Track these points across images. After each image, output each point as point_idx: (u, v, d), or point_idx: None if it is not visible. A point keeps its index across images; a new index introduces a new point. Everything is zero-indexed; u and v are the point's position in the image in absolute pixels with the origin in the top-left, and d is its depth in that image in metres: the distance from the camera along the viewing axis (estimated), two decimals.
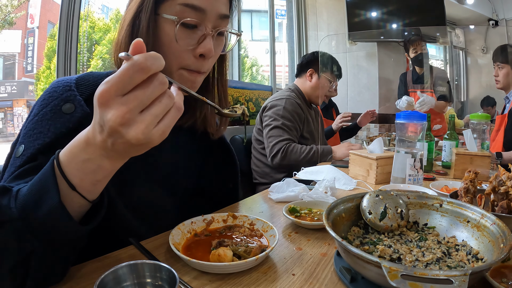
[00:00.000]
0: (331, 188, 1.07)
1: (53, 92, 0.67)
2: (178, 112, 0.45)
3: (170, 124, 0.44)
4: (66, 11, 1.73)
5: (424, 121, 1.24)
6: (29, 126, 0.64)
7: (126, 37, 0.68)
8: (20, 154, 0.61)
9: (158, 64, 0.41)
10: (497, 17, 3.73)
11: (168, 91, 0.44)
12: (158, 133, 0.43)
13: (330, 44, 4.10)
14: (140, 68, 0.39)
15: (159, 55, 0.41)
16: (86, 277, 0.56)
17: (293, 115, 1.96)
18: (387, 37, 3.96)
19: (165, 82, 0.42)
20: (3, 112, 2.06)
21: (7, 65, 2.00)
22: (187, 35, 0.67)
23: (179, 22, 0.65)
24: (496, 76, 2.27)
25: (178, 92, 0.46)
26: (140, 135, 0.41)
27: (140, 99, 0.40)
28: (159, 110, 0.42)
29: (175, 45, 0.67)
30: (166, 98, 0.43)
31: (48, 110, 0.64)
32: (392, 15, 3.82)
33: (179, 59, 0.68)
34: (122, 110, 0.40)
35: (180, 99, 0.46)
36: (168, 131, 0.44)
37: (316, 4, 4.26)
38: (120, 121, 0.40)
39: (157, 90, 0.41)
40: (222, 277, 0.57)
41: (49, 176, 0.46)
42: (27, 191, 0.47)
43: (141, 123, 0.41)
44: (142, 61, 0.39)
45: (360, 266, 0.49)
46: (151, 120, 0.41)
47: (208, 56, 0.69)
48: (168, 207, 0.83)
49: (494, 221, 0.57)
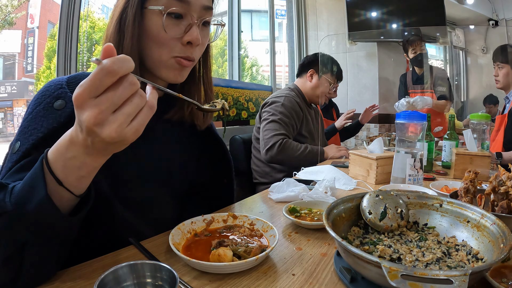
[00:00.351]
0: (331, 188, 1.07)
1: (45, 91, 0.70)
2: (151, 111, 0.47)
3: (143, 122, 0.46)
4: (66, 11, 1.73)
5: (424, 121, 1.24)
6: (24, 124, 0.67)
7: (114, 33, 0.71)
8: (16, 150, 0.64)
9: (126, 66, 0.43)
10: (497, 17, 3.72)
11: (140, 91, 0.46)
12: (131, 131, 0.45)
13: (330, 44, 4.10)
14: (108, 71, 0.42)
15: (128, 57, 0.44)
16: (86, 277, 0.56)
17: (291, 112, 1.97)
18: (387, 37, 3.96)
19: (134, 83, 0.45)
20: (3, 112, 2.06)
21: (7, 65, 2.00)
22: (174, 24, 0.71)
23: (166, 12, 0.69)
24: (496, 76, 2.27)
25: (152, 91, 0.49)
26: (114, 134, 0.44)
27: (111, 100, 0.43)
28: (130, 109, 0.45)
29: (163, 35, 0.70)
30: (137, 98, 0.45)
31: (41, 108, 0.68)
32: (392, 15, 3.82)
33: (168, 48, 0.71)
34: (95, 111, 0.43)
35: (154, 97, 0.48)
36: (142, 129, 0.47)
37: (316, 4, 4.26)
38: (94, 121, 0.43)
39: (127, 91, 0.44)
40: (222, 277, 0.57)
41: (38, 173, 0.49)
42: (20, 187, 0.50)
43: (113, 123, 0.44)
44: (110, 65, 0.42)
45: (360, 266, 0.49)
46: (123, 119, 0.44)
47: (195, 43, 0.72)
48: (165, 204, 0.85)
49: (494, 221, 0.57)
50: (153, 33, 0.70)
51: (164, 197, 0.84)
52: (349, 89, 4.05)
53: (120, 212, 0.72)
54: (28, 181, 0.49)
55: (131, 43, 0.70)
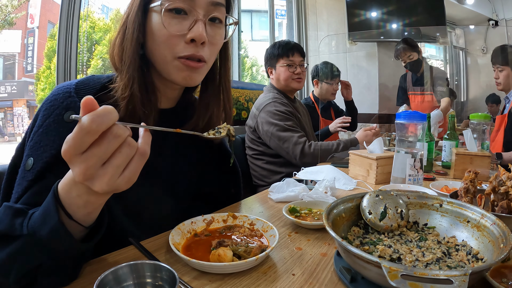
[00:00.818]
0: (331, 188, 1.07)
1: (54, 100, 0.69)
2: (143, 158, 0.47)
3: (135, 170, 0.46)
4: (66, 11, 1.73)
5: (424, 121, 1.24)
6: (35, 139, 0.66)
7: (118, 37, 0.70)
8: (30, 168, 0.64)
9: (107, 121, 0.42)
10: (497, 17, 3.72)
11: (128, 139, 0.45)
12: (124, 181, 0.45)
13: (330, 44, 4.10)
14: (87, 132, 0.41)
15: (108, 110, 0.42)
16: (85, 277, 0.56)
17: (288, 114, 1.93)
18: (387, 37, 3.96)
19: (119, 135, 0.43)
20: (3, 112, 2.06)
21: (7, 65, 2.00)
22: (177, 21, 0.68)
23: (164, 7, 0.66)
24: (497, 78, 2.25)
25: (145, 135, 0.48)
26: (105, 187, 0.44)
27: (98, 155, 0.43)
28: (119, 161, 0.44)
29: (164, 32, 0.68)
30: (126, 148, 0.45)
31: (51, 121, 0.66)
32: (392, 15, 3.82)
33: (170, 47, 0.69)
34: (82, 167, 0.43)
35: (145, 142, 0.47)
36: (135, 177, 0.47)
37: (316, 4, 4.25)
38: (83, 177, 0.43)
39: (112, 144, 0.43)
40: (222, 277, 0.57)
41: (50, 204, 0.50)
42: (36, 214, 0.52)
43: (104, 176, 0.44)
44: (88, 125, 0.41)
45: (360, 266, 0.49)
46: (113, 171, 0.44)
47: (199, 40, 0.69)
48: (168, 212, 0.82)
49: (494, 221, 0.57)
50: (154, 32, 0.69)
51: (168, 204, 0.82)
52: None
53: (119, 217, 0.72)
54: (42, 209, 0.51)
55: (131, 45, 0.69)
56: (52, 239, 0.49)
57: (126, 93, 0.69)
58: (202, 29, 0.68)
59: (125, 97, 0.69)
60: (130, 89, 0.69)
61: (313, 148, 1.82)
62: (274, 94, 2.01)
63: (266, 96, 2.00)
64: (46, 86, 1.94)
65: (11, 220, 0.52)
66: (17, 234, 0.50)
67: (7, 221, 0.52)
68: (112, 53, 0.72)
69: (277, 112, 1.89)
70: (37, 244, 0.49)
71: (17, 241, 0.50)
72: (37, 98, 2.05)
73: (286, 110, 1.92)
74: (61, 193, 0.50)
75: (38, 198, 0.58)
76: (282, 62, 2.03)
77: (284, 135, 1.85)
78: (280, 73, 2.03)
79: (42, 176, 0.63)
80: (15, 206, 0.54)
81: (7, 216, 0.52)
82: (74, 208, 0.49)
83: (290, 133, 1.85)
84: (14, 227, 0.51)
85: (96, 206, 0.51)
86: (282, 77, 2.02)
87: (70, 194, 0.48)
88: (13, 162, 0.71)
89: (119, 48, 0.70)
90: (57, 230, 0.48)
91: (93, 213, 0.52)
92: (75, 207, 0.49)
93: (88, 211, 0.50)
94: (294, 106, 2.07)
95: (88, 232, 0.55)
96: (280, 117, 1.89)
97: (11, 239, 0.50)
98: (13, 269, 0.50)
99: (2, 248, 0.51)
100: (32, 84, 2.07)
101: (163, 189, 0.81)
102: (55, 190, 0.50)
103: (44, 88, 1.95)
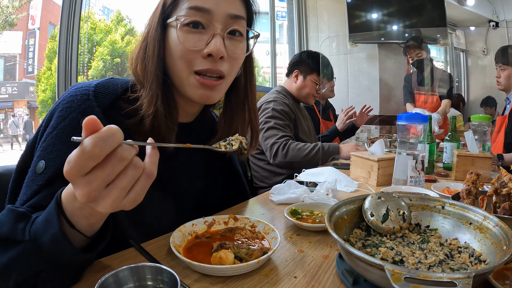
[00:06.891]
0: (333, 190, 1.06)
1: (71, 101, 0.67)
2: (149, 179, 0.44)
3: (141, 191, 0.44)
4: (67, 12, 1.73)
5: (425, 122, 1.23)
6: (48, 141, 0.64)
7: (139, 51, 0.70)
8: (41, 172, 0.62)
9: (110, 144, 0.39)
10: (498, 18, 3.73)
11: (134, 160, 0.43)
12: (129, 202, 0.44)
13: (331, 45, 4.10)
14: (89, 156, 0.39)
15: (113, 131, 0.40)
16: (86, 279, 0.56)
17: (282, 114, 1.93)
18: (387, 38, 3.96)
19: (124, 157, 0.41)
20: (3, 113, 2.06)
21: (8, 66, 2.00)
22: (194, 36, 0.67)
23: (180, 22, 0.65)
24: (498, 77, 2.27)
25: (151, 154, 0.45)
26: (109, 208, 0.42)
27: (101, 178, 0.40)
28: (125, 183, 0.42)
29: (181, 48, 0.67)
30: (131, 170, 0.42)
31: (67, 125, 0.65)
32: (392, 17, 3.82)
33: (187, 62, 0.68)
34: (85, 190, 0.41)
35: (152, 163, 0.45)
36: (141, 197, 0.45)
37: (317, 5, 4.26)
38: (86, 199, 0.41)
39: (117, 168, 0.41)
40: (224, 280, 0.57)
41: (52, 210, 0.49)
42: (39, 219, 0.51)
43: (108, 198, 0.42)
44: (91, 149, 0.38)
45: (362, 268, 0.49)
46: (118, 193, 0.42)
47: (217, 56, 0.67)
48: (171, 219, 0.80)
49: (496, 223, 0.57)
50: (172, 47, 0.68)
51: (172, 212, 0.81)
52: (349, 90, 4.05)
53: (122, 220, 0.70)
54: (45, 216, 0.50)
55: (153, 62, 0.68)
56: (53, 247, 0.48)
57: (151, 110, 0.68)
58: (220, 43, 0.66)
59: (150, 114, 0.68)
60: (154, 106, 0.68)
61: (286, 148, 1.82)
62: (277, 95, 2.02)
63: (268, 96, 2.04)
64: (47, 87, 1.94)
65: (14, 224, 0.51)
66: (19, 239, 0.50)
67: (9, 224, 0.51)
68: (136, 68, 0.72)
69: (272, 110, 1.92)
70: (38, 251, 0.49)
71: (18, 246, 0.50)
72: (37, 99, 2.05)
73: (281, 110, 1.94)
74: (64, 202, 0.49)
75: (46, 203, 0.57)
76: (315, 78, 2.07)
77: (268, 133, 1.87)
78: (307, 85, 2.07)
79: (53, 182, 0.62)
80: (18, 209, 0.53)
81: (10, 219, 0.52)
82: (76, 218, 0.49)
83: (274, 131, 1.86)
84: (16, 231, 0.50)
85: (99, 218, 0.50)
86: (307, 89, 2.07)
87: (73, 205, 0.48)
88: (23, 160, 0.70)
89: (141, 65, 0.70)
90: (58, 239, 0.48)
91: (96, 224, 0.51)
92: (78, 217, 0.49)
93: (91, 222, 0.50)
94: (299, 109, 2.10)
95: (91, 241, 0.54)
96: (271, 115, 1.90)
97: (12, 244, 0.50)
98: (14, 274, 0.49)
99: (3, 252, 0.50)
100: (33, 85, 2.07)
101: (169, 197, 0.80)
102: (58, 198, 0.49)
103: (45, 89, 1.95)
